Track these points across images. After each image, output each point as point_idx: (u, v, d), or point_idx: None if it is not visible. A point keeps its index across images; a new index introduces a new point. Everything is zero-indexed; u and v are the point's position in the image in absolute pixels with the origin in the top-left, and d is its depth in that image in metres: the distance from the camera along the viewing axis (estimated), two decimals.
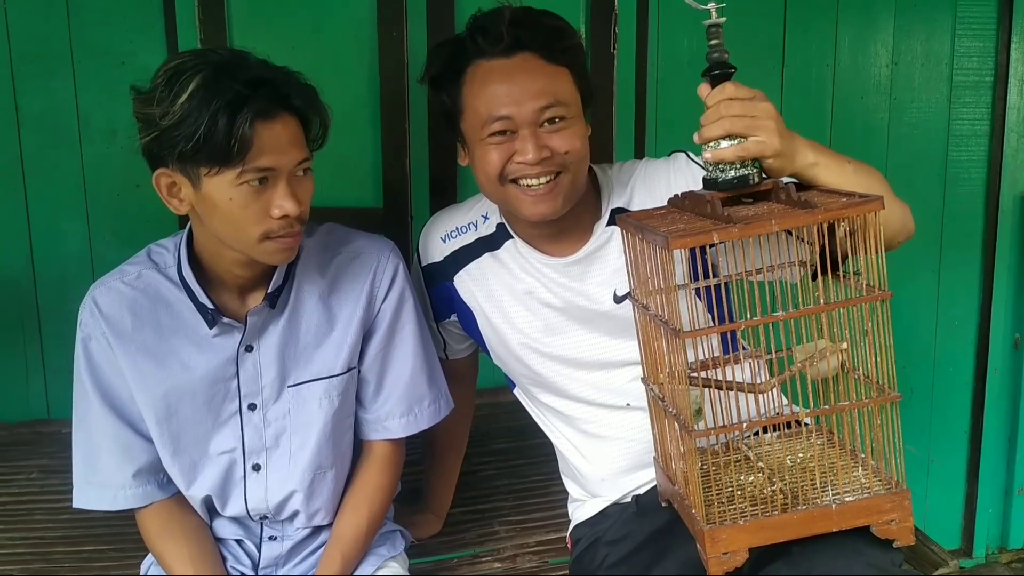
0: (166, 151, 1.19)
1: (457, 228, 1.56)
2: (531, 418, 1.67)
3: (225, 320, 1.32)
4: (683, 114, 2.42)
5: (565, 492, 1.66)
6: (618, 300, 1.44)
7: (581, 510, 1.58)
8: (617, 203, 1.47)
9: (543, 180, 1.35)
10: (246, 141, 1.16)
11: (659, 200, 1.41)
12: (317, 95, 1.28)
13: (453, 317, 1.60)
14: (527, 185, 1.36)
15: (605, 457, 1.52)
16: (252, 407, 1.37)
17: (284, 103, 1.21)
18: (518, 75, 1.34)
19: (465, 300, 1.56)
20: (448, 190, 2.29)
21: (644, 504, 1.47)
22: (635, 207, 1.45)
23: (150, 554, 1.43)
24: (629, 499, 1.51)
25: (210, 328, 1.32)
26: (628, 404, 1.48)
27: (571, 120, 1.36)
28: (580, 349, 1.49)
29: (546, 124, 1.35)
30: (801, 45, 2.54)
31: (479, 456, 2.06)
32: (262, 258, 1.27)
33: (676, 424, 1.17)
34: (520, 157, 1.34)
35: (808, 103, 2.57)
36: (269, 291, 1.33)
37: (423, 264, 1.59)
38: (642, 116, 2.42)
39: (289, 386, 1.37)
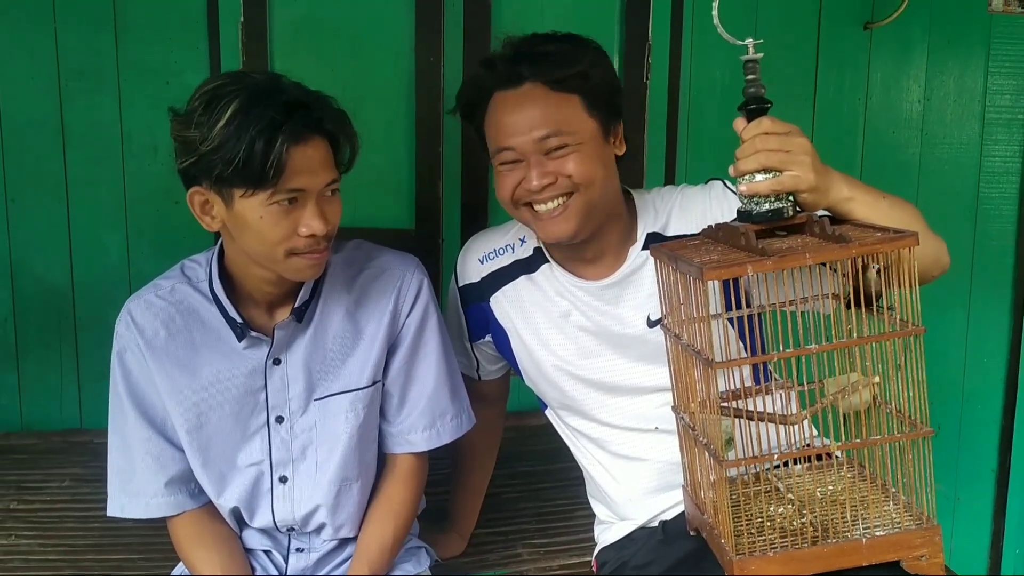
0: (203, 173, 1.23)
1: (495, 250, 1.58)
2: (557, 442, 1.67)
3: (253, 334, 1.35)
4: (714, 145, 2.45)
5: (589, 517, 1.67)
6: (651, 325, 1.45)
7: (608, 533, 1.58)
8: (653, 228, 1.48)
9: (552, 204, 1.39)
10: (281, 165, 1.19)
11: (694, 226, 1.44)
12: (348, 120, 1.31)
13: (488, 338, 1.62)
14: (539, 210, 1.40)
15: (633, 477, 1.52)
16: (280, 419, 1.40)
17: (317, 127, 1.24)
18: (522, 105, 1.38)
19: (500, 321, 1.57)
20: (479, 215, 2.32)
21: (671, 530, 1.47)
22: (671, 233, 1.47)
23: (180, 563, 1.45)
24: (656, 523, 1.51)
25: (239, 341, 1.35)
26: (656, 428, 1.48)
27: (579, 146, 1.38)
28: (613, 373, 1.50)
29: (552, 151, 1.37)
30: (834, 79, 2.55)
31: (504, 478, 2.06)
32: (289, 274, 1.31)
33: (707, 453, 1.17)
34: (525, 184, 1.38)
35: (839, 137, 2.58)
36: (296, 305, 1.36)
37: (460, 284, 1.62)
38: (673, 146, 2.44)
39: (316, 399, 1.40)
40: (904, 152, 2.64)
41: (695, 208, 1.47)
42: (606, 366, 1.50)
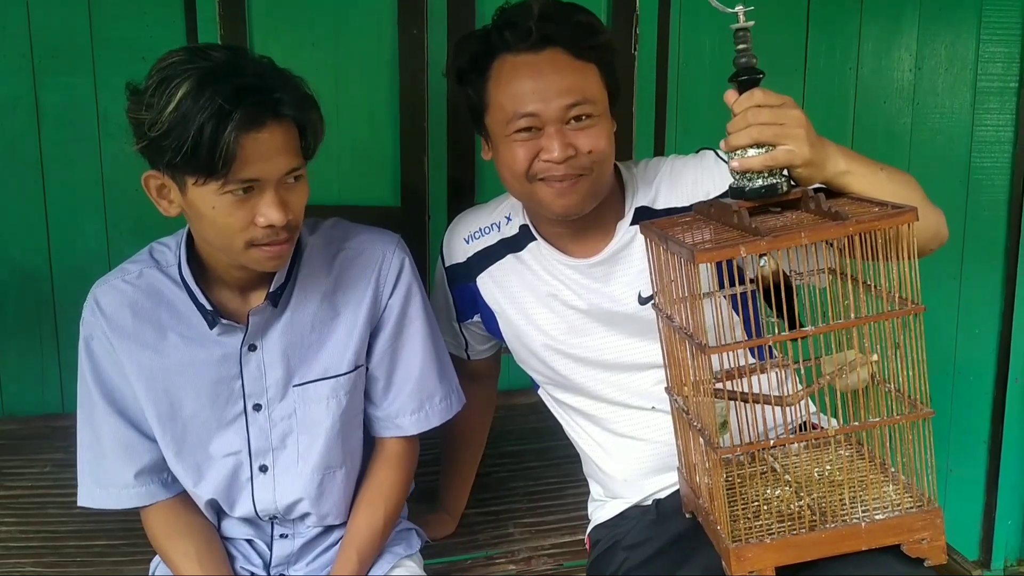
0: (156, 157, 1.17)
1: (480, 229, 1.54)
2: (547, 421, 1.65)
3: (225, 321, 1.31)
4: (704, 115, 2.42)
5: (580, 496, 1.65)
6: (643, 301, 1.42)
7: (601, 511, 1.56)
8: (642, 202, 1.45)
9: (566, 183, 1.34)
10: (230, 154, 1.12)
11: (685, 199, 1.40)
12: (313, 103, 1.24)
13: (476, 318, 1.59)
14: (551, 181, 1.34)
15: (630, 456, 1.50)
16: (257, 407, 1.36)
17: (273, 111, 1.17)
18: (545, 71, 1.32)
19: (487, 301, 1.54)
20: (466, 191, 2.29)
21: (664, 509, 1.45)
22: (660, 206, 1.43)
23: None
24: (650, 502, 1.49)
25: (210, 328, 1.31)
26: (653, 407, 1.46)
27: (598, 118, 1.34)
28: (604, 351, 1.47)
29: (572, 122, 1.33)
30: (824, 49, 2.52)
31: (493, 458, 2.05)
32: (250, 264, 1.25)
33: (701, 438, 1.15)
34: (546, 155, 1.32)
35: (830, 107, 2.55)
36: (271, 290, 1.32)
37: (447, 264, 1.58)
38: (662, 117, 2.41)
39: (295, 385, 1.36)
40: (896, 122, 2.62)
41: (686, 179, 1.44)
42: (599, 344, 1.47)
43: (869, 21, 2.53)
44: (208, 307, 1.30)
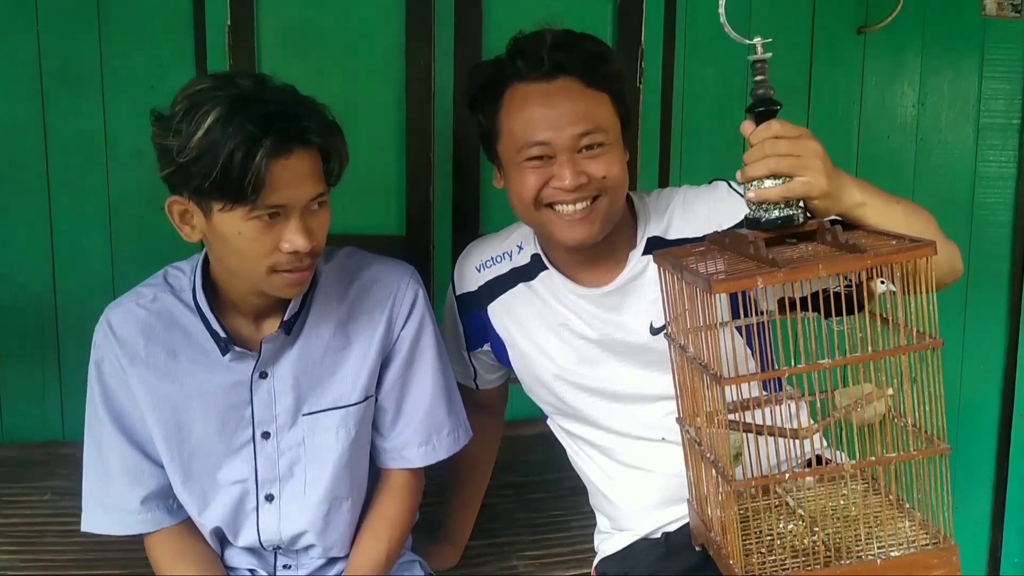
0: (181, 183, 1.18)
1: (492, 258, 1.54)
2: (552, 452, 1.64)
3: (237, 349, 1.30)
4: (707, 149, 2.42)
5: (585, 528, 1.63)
6: (654, 332, 1.41)
7: (608, 543, 1.55)
8: (654, 231, 1.45)
9: (579, 206, 1.34)
10: (260, 180, 1.14)
11: (698, 229, 1.40)
12: (338, 130, 1.25)
13: (486, 347, 1.58)
14: (562, 211, 1.34)
15: (638, 488, 1.49)
16: (266, 435, 1.35)
17: (301, 138, 1.18)
18: (557, 100, 1.33)
19: (498, 330, 1.54)
20: (470, 221, 2.28)
21: (674, 542, 1.44)
22: (672, 236, 1.44)
23: None
24: (659, 535, 1.48)
25: (223, 355, 1.30)
26: (663, 438, 1.45)
27: (610, 146, 1.35)
28: (615, 381, 1.46)
29: (584, 150, 1.33)
30: (828, 83, 2.53)
31: (498, 489, 2.02)
32: (271, 291, 1.26)
33: (714, 470, 1.14)
34: (557, 183, 1.33)
35: (834, 141, 2.54)
36: (285, 318, 1.32)
37: (457, 293, 1.58)
38: (667, 150, 2.41)
39: (304, 414, 1.35)
40: (899, 157, 2.62)
41: (698, 210, 1.44)
42: (609, 374, 1.46)
43: (872, 56, 2.54)
44: (221, 333, 1.30)
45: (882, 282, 1.05)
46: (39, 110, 2.09)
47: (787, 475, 1.07)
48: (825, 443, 1.36)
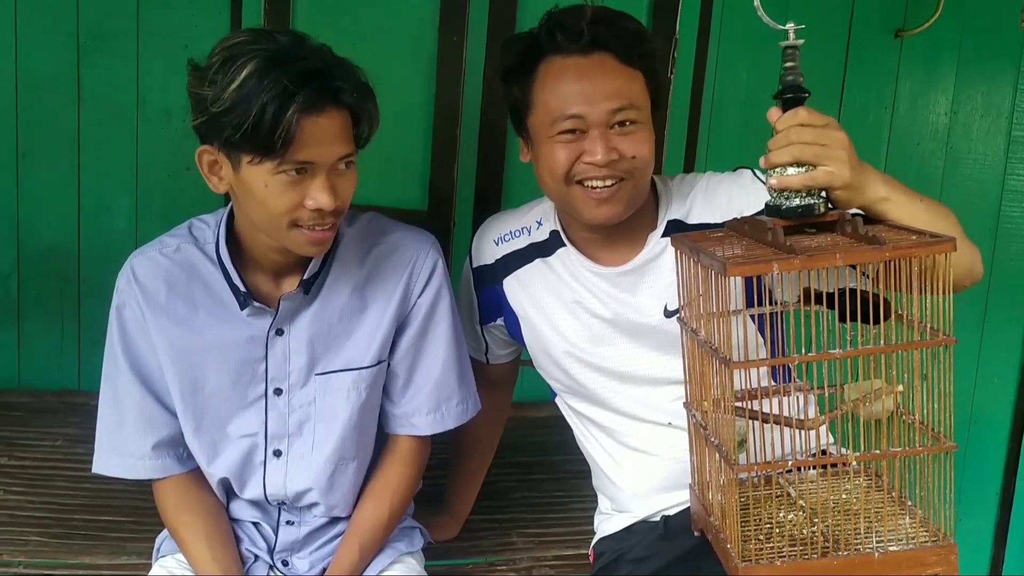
0: (213, 133, 1.20)
1: (511, 232, 1.55)
2: (558, 435, 1.65)
3: (256, 304, 1.32)
4: (734, 142, 2.42)
5: (586, 510, 1.64)
6: (668, 315, 1.42)
7: (607, 523, 1.56)
8: (675, 215, 1.45)
9: (608, 183, 1.34)
10: (290, 135, 1.15)
11: (719, 215, 1.40)
12: (371, 92, 1.26)
13: (499, 321, 1.59)
14: (591, 187, 1.35)
15: (641, 471, 1.49)
16: (278, 392, 1.36)
17: (334, 97, 1.19)
18: (594, 74, 1.33)
19: (512, 304, 1.54)
20: (492, 201, 2.29)
21: (672, 526, 1.44)
22: (693, 220, 1.43)
23: (165, 530, 1.43)
24: (658, 518, 1.48)
25: (241, 309, 1.32)
26: (670, 423, 1.45)
27: (641, 125, 1.35)
28: (626, 362, 1.47)
29: (616, 127, 1.33)
30: (861, 85, 2.51)
31: (501, 468, 2.03)
32: (293, 247, 1.27)
33: (717, 455, 1.14)
34: (588, 157, 1.33)
35: (863, 144, 2.48)
36: (305, 277, 1.33)
37: (474, 266, 1.58)
38: (693, 139, 2.41)
39: (317, 374, 1.37)
40: (928, 164, 2.60)
41: (720, 196, 1.44)
42: (619, 355, 1.47)
43: (908, 62, 2.52)
44: (242, 288, 1.31)
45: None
46: (74, 65, 2.11)
47: (790, 462, 1.07)
48: (831, 439, 1.36)
